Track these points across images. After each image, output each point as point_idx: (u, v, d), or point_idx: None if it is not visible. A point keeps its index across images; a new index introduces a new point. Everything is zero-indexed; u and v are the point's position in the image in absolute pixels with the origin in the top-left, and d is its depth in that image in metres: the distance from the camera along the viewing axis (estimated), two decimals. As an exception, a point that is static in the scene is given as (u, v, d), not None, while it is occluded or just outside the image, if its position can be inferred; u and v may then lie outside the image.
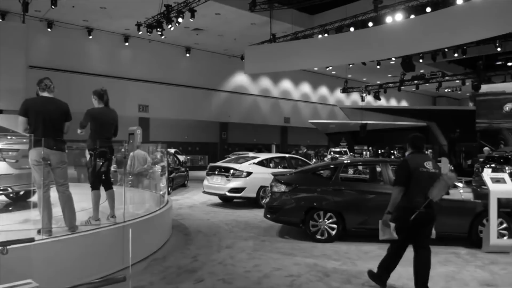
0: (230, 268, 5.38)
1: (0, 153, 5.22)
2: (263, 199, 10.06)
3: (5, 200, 6.82)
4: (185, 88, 24.63)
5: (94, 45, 21.48)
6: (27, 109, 4.49)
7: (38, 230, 4.44)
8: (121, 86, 21.43)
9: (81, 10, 18.33)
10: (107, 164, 5.19)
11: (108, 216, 5.27)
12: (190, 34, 21.89)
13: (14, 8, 17.26)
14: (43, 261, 3.90)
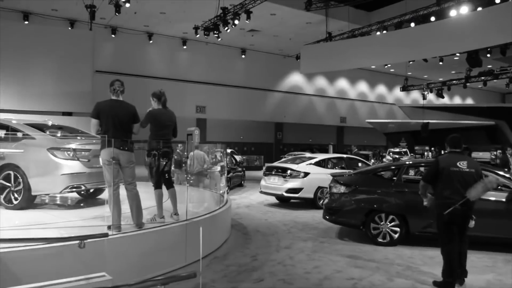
0: (290, 268, 5.35)
1: (74, 153, 5.56)
2: (320, 200, 9.92)
3: (77, 197, 7.26)
4: (240, 89, 24.95)
5: (154, 49, 22.37)
6: (99, 111, 4.76)
7: (108, 226, 4.67)
8: (180, 88, 22.11)
9: (142, 16, 19.17)
10: (168, 164, 5.35)
11: (172, 214, 5.43)
12: (245, 36, 22.13)
13: (82, 16, 18.42)
14: (115, 255, 4.09)
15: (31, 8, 18.36)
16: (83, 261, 3.54)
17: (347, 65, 20.23)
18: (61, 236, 4.19)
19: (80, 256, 3.50)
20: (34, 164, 5.46)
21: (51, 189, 5.71)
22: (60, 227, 4.90)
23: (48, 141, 5.67)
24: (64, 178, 5.46)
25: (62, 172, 5.45)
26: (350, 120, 30.13)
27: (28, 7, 18.23)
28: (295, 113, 27.27)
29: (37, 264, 3.67)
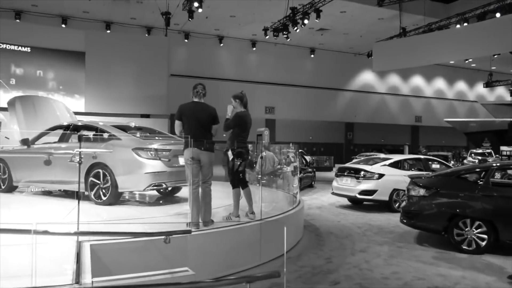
0: (366, 273, 5.17)
1: (156, 152, 5.88)
2: (396, 203, 9.52)
3: (156, 194, 7.64)
4: (309, 89, 24.76)
5: (224, 52, 22.97)
6: (181, 113, 5.00)
7: (187, 223, 4.85)
8: (249, 89, 22.27)
9: (213, 20, 19.77)
10: (244, 164, 5.45)
11: (247, 213, 5.51)
12: (314, 35, 21.92)
13: (158, 23, 19.45)
14: (196, 251, 4.24)
15: (113, 17, 19.73)
16: (167, 255, 3.71)
17: (423, 61, 19.23)
18: (144, 231, 4.42)
19: (164, 250, 3.66)
20: (121, 163, 5.84)
21: (136, 187, 6.07)
22: (144, 223, 5.18)
23: (132, 142, 6.05)
24: (147, 177, 5.79)
25: (145, 171, 5.78)
26: (426, 119, 28.60)
27: (110, 17, 19.62)
28: (366, 113, 26.48)
29: (125, 257, 3.90)
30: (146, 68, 16.95)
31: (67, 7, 18.32)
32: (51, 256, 3.88)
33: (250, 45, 23.15)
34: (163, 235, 3.42)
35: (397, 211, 9.44)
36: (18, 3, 17.98)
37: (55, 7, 18.41)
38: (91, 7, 18.14)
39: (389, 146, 22.97)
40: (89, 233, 3.58)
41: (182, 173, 6.16)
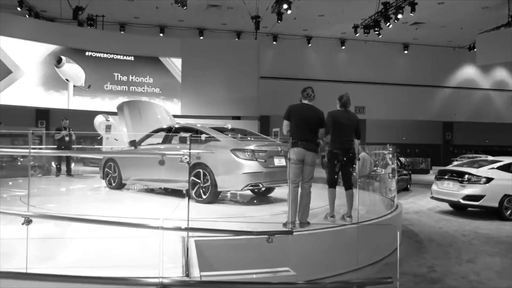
0: (477, 286, 4.75)
1: (253, 153, 6.03)
2: (507, 210, 8.63)
3: (250, 194, 7.82)
4: (403, 86, 23.55)
5: (313, 52, 22.82)
6: (290, 113, 5.11)
7: (284, 223, 4.89)
8: (338, 89, 21.98)
9: (301, 21, 19.73)
10: (348, 165, 5.39)
11: (345, 216, 5.41)
12: (408, 30, 20.80)
13: (247, 27, 19.97)
14: (295, 252, 4.25)
15: (205, 24, 20.69)
16: (267, 254, 3.76)
17: (536, 53, 17.19)
18: (243, 229, 4.55)
19: (264, 249, 3.72)
20: (220, 163, 6.09)
21: (234, 186, 6.29)
22: (241, 221, 5.32)
23: (230, 143, 6.27)
24: (245, 177, 5.96)
25: (243, 171, 5.96)
26: (539, 117, 25.56)
27: (202, 23, 20.61)
28: (467, 111, 24.42)
29: (227, 254, 4.04)
30: (237, 71, 17.49)
31: (164, 17, 19.63)
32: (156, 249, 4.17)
33: (339, 44, 22.71)
34: (266, 234, 3.48)
35: (509, 219, 8.57)
36: (123, 16, 19.72)
37: (154, 18, 19.83)
38: (186, 16, 19.21)
39: (495, 147, 20.89)
40: (199, 230, 3.76)
41: (277, 173, 6.25)
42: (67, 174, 10.87)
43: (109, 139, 11.65)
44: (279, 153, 6.42)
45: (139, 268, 3.63)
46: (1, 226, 4.96)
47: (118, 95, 16.64)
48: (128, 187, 8.35)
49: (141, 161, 7.32)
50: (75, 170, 11.50)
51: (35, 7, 18.35)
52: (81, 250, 4.20)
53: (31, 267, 3.22)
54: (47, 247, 4.10)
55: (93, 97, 16.46)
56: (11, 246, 4.22)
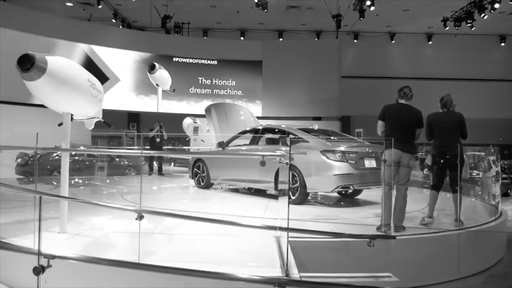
0: None
1: (343, 155, 5.93)
2: None
3: (336, 196, 7.69)
4: (499, 82, 21.60)
5: (396, 49, 21.85)
6: (384, 113, 4.98)
7: (377, 226, 4.73)
8: (424, 87, 20.79)
9: (384, 17, 18.98)
10: (451, 168, 5.14)
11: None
12: (506, 20, 19.02)
13: (327, 27, 19.69)
14: (397, 257, 4.09)
15: (285, 26, 20.79)
16: (370, 260, 3.65)
17: None
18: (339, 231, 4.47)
19: (368, 255, 3.62)
20: (309, 164, 6.07)
21: (323, 188, 6.24)
22: (331, 222, 5.25)
23: (320, 144, 6.23)
24: (335, 178, 5.88)
25: (333, 173, 5.88)
26: None
27: (282, 25, 20.73)
28: None
29: (323, 255, 4.00)
30: (317, 71, 17.34)
31: (244, 20, 20.08)
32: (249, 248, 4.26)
33: (425, 39, 21.44)
34: (368, 238, 3.38)
35: None
36: (206, 23, 20.52)
37: (235, 22, 20.37)
38: (266, 18, 19.46)
39: None
40: (300, 230, 3.76)
41: (368, 175, 6.08)
42: (158, 173, 11.58)
43: (196, 141, 12.19)
44: (369, 154, 6.24)
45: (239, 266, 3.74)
46: (108, 220, 5.41)
47: (203, 98, 17.36)
48: (214, 186, 8.66)
49: (229, 162, 7.55)
50: (165, 170, 12.20)
51: (127, 18, 19.83)
52: (184, 245, 4.42)
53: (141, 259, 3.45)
54: (154, 241, 4.37)
55: (179, 100, 17.35)
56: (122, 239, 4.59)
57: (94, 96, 4.58)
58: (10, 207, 6.11)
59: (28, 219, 5.43)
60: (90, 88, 4.46)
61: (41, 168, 11.26)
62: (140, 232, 3.44)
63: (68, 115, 4.51)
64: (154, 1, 16.88)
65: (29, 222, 5.25)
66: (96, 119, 5.25)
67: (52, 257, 2.25)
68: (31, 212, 5.86)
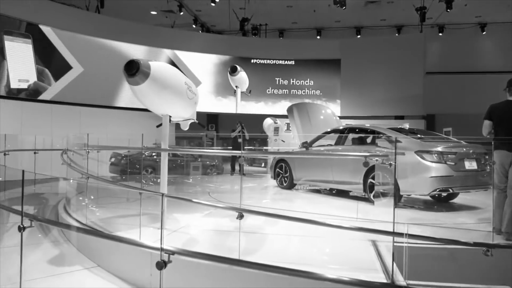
0: None
1: (441, 156, 5.57)
2: None
3: (428, 199, 7.24)
4: None
5: (488, 41, 20.17)
6: (491, 113, 4.64)
7: (490, 231, 4.39)
8: (520, 81, 19.02)
9: (474, 6, 17.60)
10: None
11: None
12: None
13: (408, 20, 18.75)
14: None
15: (363, 22, 20.16)
16: (488, 270, 3.36)
17: None
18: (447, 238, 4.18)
19: (485, 264, 3.33)
20: (403, 166, 5.78)
21: (419, 190, 5.91)
22: (432, 226, 4.95)
23: (414, 144, 5.91)
24: (433, 181, 5.54)
25: (430, 175, 5.55)
26: None
27: (360, 22, 20.14)
28: None
29: (430, 262, 3.76)
30: (399, 68, 16.59)
31: (321, 19, 19.80)
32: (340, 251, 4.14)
33: (521, 29, 19.58)
34: (484, 246, 3.10)
35: None
36: (282, 23, 20.57)
37: (312, 21, 20.17)
38: (343, 16, 19.02)
39: None
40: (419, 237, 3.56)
41: (469, 178, 5.65)
42: (240, 173, 11.82)
43: (277, 141, 12.26)
44: (470, 155, 5.78)
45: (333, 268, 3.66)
46: (201, 217, 5.60)
47: (280, 99, 17.45)
48: (297, 187, 8.62)
49: (314, 162, 7.46)
50: (245, 170, 12.40)
51: (206, 23, 20.54)
52: (276, 245, 4.43)
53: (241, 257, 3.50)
54: (251, 240, 4.43)
55: (256, 101, 17.59)
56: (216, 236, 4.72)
57: (190, 98, 4.76)
58: (109, 203, 6.61)
59: (126, 214, 5.82)
60: (187, 91, 4.64)
61: (131, 167, 12.05)
62: (240, 231, 3.49)
63: (166, 117, 4.73)
64: (232, 5, 17.28)
65: (127, 217, 5.63)
66: (191, 120, 5.46)
67: (172, 253, 2.36)
68: (127, 208, 6.28)
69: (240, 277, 3.20)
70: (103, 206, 6.33)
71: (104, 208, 6.24)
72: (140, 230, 3.97)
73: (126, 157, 11.21)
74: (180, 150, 10.39)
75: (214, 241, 4.61)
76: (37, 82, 13.31)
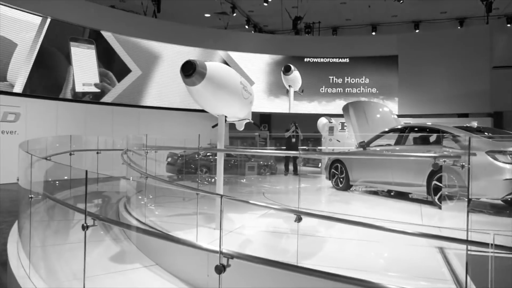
0: None
1: (505, 156, 5.11)
2: None
3: (499, 203, 6.70)
4: None
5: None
6: None
7: None
8: None
9: (547, -5, 16.22)
10: None
11: None
12: None
13: (471, 12, 17.62)
14: None
15: (421, 16, 19.24)
16: None
17: None
18: None
19: None
20: (472, 167, 5.37)
21: (491, 194, 5.47)
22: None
23: (485, 144, 5.48)
24: (506, 184, 5.10)
25: (504, 177, 5.11)
26: None
27: (418, 15, 19.23)
28: None
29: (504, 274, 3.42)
30: (462, 63, 15.62)
31: (376, 14, 19.13)
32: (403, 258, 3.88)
33: None
34: None
35: None
36: (335, 20, 20.13)
37: (366, 17, 19.56)
38: (400, 10, 18.26)
39: None
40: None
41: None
42: (294, 173, 11.67)
43: (332, 141, 11.99)
44: (548, 156, 5.25)
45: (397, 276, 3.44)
46: (256, 218, 5.53)
47: (334, 98, 17.09)
48: (354, 188, 8.33)
49: (373, 163, 7.16)
50: (299, 170, 12.22)
51: (259, 23, 20.57)
52: (337, 249, 4.26)
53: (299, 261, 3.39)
54: (307, 243, 4.30)
55: (310, 100, 17.35)
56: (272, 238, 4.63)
57: (245, 98, 4.71)
58: (166, 201, 6.74)
59: (182, 213, 5.89)
60: (242, 91, 4.60)
61: (187, 166, 12.31)
62: (298, 234, 3.37)
63: (222, 117, 4.72)
64: (285, 4, 17.16)
65: (184, 216, 5.70)
66: (246, 120, 5.42)
67: (231, 256, 2.30)
68: (183, 207, 6.37)
69: (297, 281, 3.09)
70: (161, 205, 6.46)
71: (162, 207, 6.38)
72: (197, 231, 3.97)
73: (182, 157, 11.45)
74: (237, 150, 10.45)
75: (269, 242, 4.53)
76: (102, 84, 14.03)
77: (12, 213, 7.73)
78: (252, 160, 12.98)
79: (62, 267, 4.22)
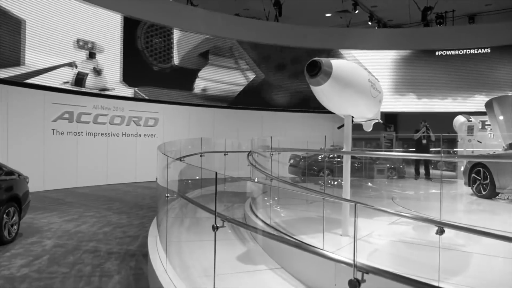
0: None
1: None
2: None
3: None
4: None
5: None
6: None
7: None
8: None
9: None
10: None
11: None
12: None
13: None
14: None
15: None
16: None
17: None
18: None
19: None
20: None
21: None
22: None
23: None
24: None
25: None
26: None
27: None
28: None
29: None
30: None
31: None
32: None
33: None
34: None
35: None
36: (472, 7, 18.01)
37: (509, 2, 17.10)
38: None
39: None
40: None
41: None
42: (425, 177, 10.71)
43: (471, 142, 10.66)
44: None
45: None
46: (386, 226, 5.13)
47: (473, 93, 15.32)
48: (501, 196, 7.26)
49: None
50: (431, 174, 11.17)
51: (383, 19, 19.51)
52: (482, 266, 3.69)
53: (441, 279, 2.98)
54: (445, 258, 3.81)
55: (442, 98, 15.83)
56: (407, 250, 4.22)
57: (374, 97, 4.39)
58: (290, 203, 6.70)
59: (306, 217, 5.77)
60: (370, 89, 4.29)
61: (309, 168, 12.21)
62: (440, 247, 2.96)
63: (349, 117, 4.47)
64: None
65: (308, 219, 5.57)
66: (375, 120, 5.07)
67: (366, 271, 2.08)
68: (307, 210, 6.25)
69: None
70: (285, 207, 6.45)
71: (286, 209, 6.36)
72: (323, 238, 3.80)
73: (305, 158, 11.39)
74: (367, 153, 9.94)
75: (402, 254, 4.12)
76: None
77: (151, 209, 8.56)
78: (378, 162, 12.32)
79: (194, 263, 4.45)
